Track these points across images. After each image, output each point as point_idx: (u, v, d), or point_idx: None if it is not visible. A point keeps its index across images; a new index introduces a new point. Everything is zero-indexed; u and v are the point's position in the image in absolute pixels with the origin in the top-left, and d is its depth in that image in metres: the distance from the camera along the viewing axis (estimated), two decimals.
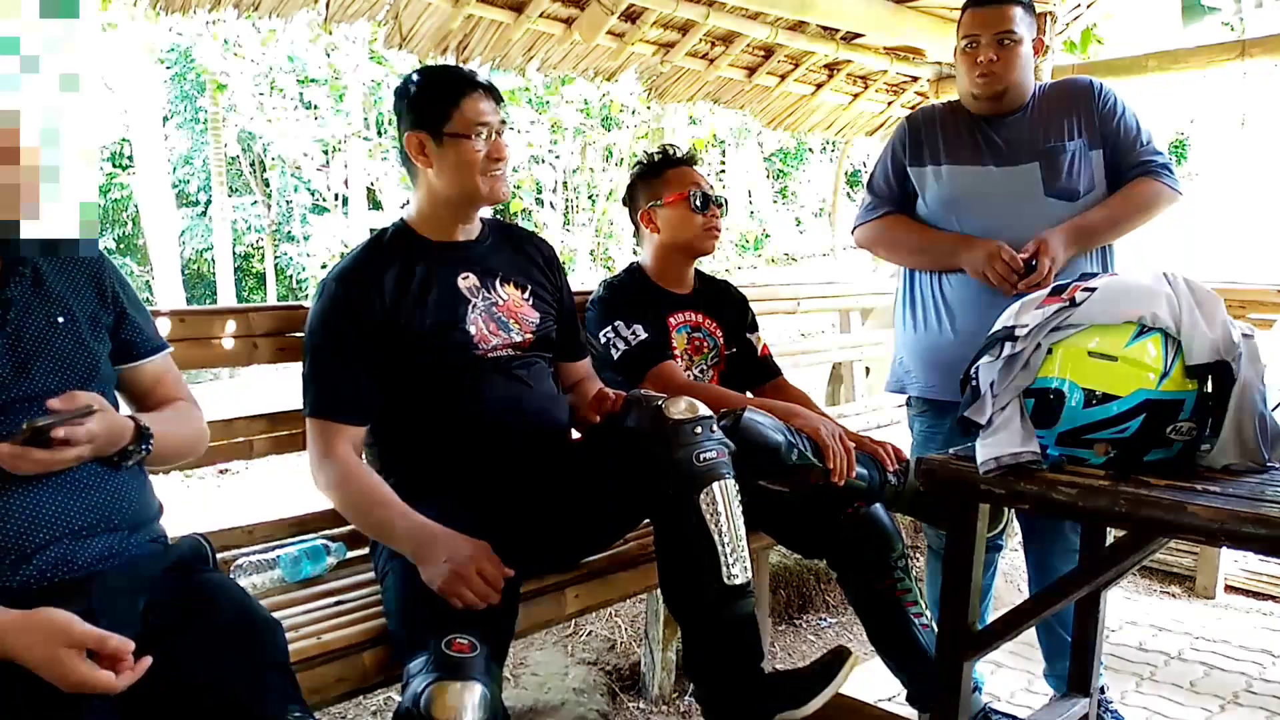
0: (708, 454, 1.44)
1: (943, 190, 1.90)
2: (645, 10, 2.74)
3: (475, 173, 1.55)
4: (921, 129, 1.96)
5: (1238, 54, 2.95)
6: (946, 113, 1.99)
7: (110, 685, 1.00)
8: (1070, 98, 1.90)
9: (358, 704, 2.12)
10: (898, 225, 1.98)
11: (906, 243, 1.97)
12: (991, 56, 1.83)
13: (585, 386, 1.77)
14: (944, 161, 1.91)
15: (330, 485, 1.49)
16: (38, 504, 1.13)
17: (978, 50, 1.85)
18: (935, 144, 1.93)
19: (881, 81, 3.67)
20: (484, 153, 1.55)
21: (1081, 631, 1.74)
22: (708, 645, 1.49)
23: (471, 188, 1.56)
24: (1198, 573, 2.93)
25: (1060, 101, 1.90)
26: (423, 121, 1.55)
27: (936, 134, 1.94)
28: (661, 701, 2.25)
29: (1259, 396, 1.30)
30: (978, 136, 1.90)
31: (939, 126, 1.95)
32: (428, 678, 1.19)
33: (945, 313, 1.90)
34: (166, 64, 12.79)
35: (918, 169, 1.94)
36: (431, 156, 1.56)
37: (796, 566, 2.81)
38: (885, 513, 1.82)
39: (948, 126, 1.94)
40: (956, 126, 1.93)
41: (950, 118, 1.96)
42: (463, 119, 1.54)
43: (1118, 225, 1.86)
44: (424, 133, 1.55)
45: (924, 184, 1.93)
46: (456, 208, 1.61)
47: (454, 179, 1.56)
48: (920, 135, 1.96)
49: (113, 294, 1.29)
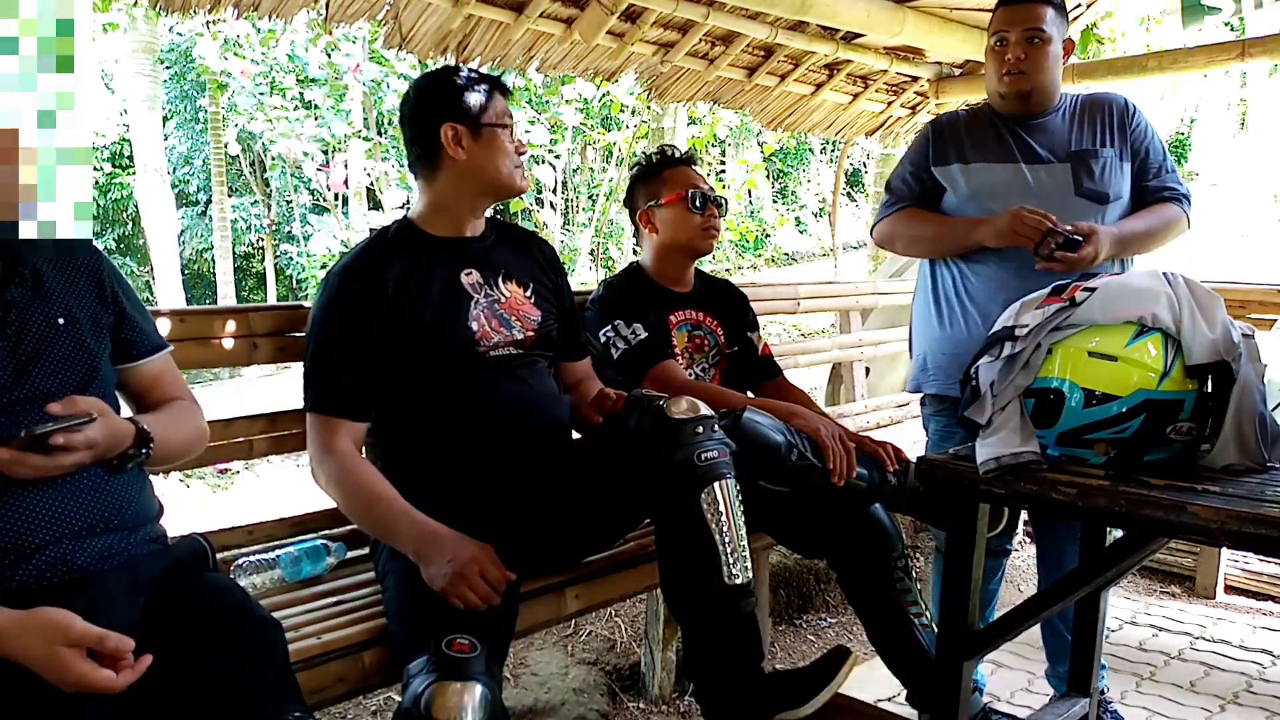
0: (709, 453, 1.44)
1: (971, 186, 1.89)
2: (645, 10, 2.73)
3: (510, 162, 1.61)
4: (946, 130, 1.96)
5: (1238, 54, 2.95)
6: (972, 115, 1.99)
7: (110, 684, 1.00)
8: (1104, 110, 1.92)
9: (358, 704, 2.12)
10: (915, 216, 1.97)
11: (924, 231, 1.96)
12: (1020, 55, 1.83)
13: (586, 386, 1.77)
14: (972, 159, 1.90)
15: (331, 482, 1.49)
16: (37, 505, 1.13)
17: (1006, 48, 1.85)
18: (962, 143, 1.92)
19: (881, 82, 3.66)
20: (514, 146, 1.62)
21: (1081, 632, 1.74)
22: (708, 645, 1.49)
23: (505, 175, 1.61)
24: (1198, 573, 2.93)
25: (1093, 111, 1.91)
26: (460, 113, 1.58)
27: (963, 134, 1.93)
28: (661, 701, 2.25)
29: (1259, 396, 1.30)
30: (1007, 137, 1.90)
31: (965, 127, 1.95)
32: (428, 678, 1.19)
33: (970, 305, 1.89)
34: (166, 63, 12.79)
35: (943, 168, 1.93)
36: (468, 147, 1.58)
37: (796, 566, 2.81)
38: (885, 513, 1.82)
39: (975, 127, 1.94)
40: (984, 127, 1.93)
41: (977, 119, 1.96)
42: (497, 113, 1.60)
43: (1151, 240, 1.88)
44: (461, 124, 1.58)
45: (951, 181, 1.92)
46: (481, 198, 1.64)
47: (489, 168, 1.60)
48: (945, 136, 1.95)
49: (112, 294, 1.29)
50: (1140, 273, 1.38)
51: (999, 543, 1.98)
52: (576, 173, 9.81)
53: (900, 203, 1.99)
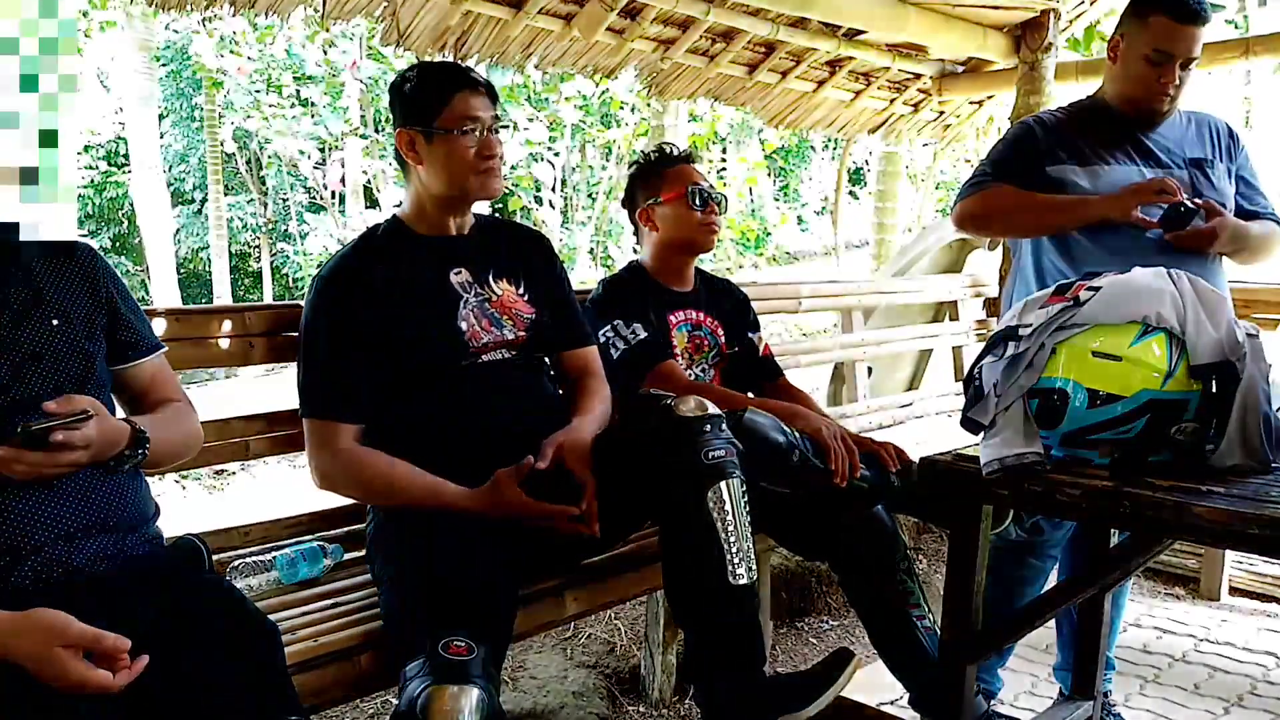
0: (716, 452, 1.43)
1: (1092, 188, 1.83)
2: (645, 6, 2.72)
3: (466, 169, 1.55)
4: (1054, 130, 1.90)
5: (1242, 52, 2.94)
6: (1082, 114, 1.93)
7: (107, 684, 0.99)
8: (1213, 128, 1.92)
9: (354, 707, 2.11)
10: (1011, 192, 1.87)
11: (1027, 205, 1.86)
12: (1177, 80, 1.79)
13: (586, 385, 1.71)
14: (1093, 161, 1.85)
15: (346, 482, 1.49)
16: (33, 505, 1.12)
17: (1164, 68, 1.78)
18: (1074, 143, 1.87)
19: (884, 79, 3.65)
20: (475, 149, 1.54)
21: (1085, 634, 1.72)
22: (710, 645, 1.48)
23: (462, 183, 1.56)
24: (1202, 575, 2.91)
25: (1203, 126, 1.91)
26: (414, 118, 1.55)
27: (1073, 135, 1.88)
28: (661, 705, 2.23)
29: (1264, 397, 1.29)
30: (1125, 139, 1.86)
31: (1075, 128, 1.89)
32: (424, 681, 1.18)
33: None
34: (162, 61, 12.77)
35: (1058, 167, 1.86)
36: (422, 153, 1.55)
37: (798, 568, 2.79)
38: (887, 514, 1.81)
39: (1088, 127, 1.89)
40: (1100, 127, 1.88)
41: (1091, 119, 1.91)
42: (453, 115, 1.53)
43: (1258, 250, 1.87)
44: (415, 129, 1.55)
45: (1067, 181, 1.86)
46: (448, 204, 1.60)
47: (444, 175, 1.55)
48: (1055, 135, 1.89)
49: (107, 295, 1.29)
50: (1144, 272, 1.36)
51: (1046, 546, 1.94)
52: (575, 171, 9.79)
53: (996, 180, 1.90)
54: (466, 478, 1.49)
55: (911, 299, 3.45)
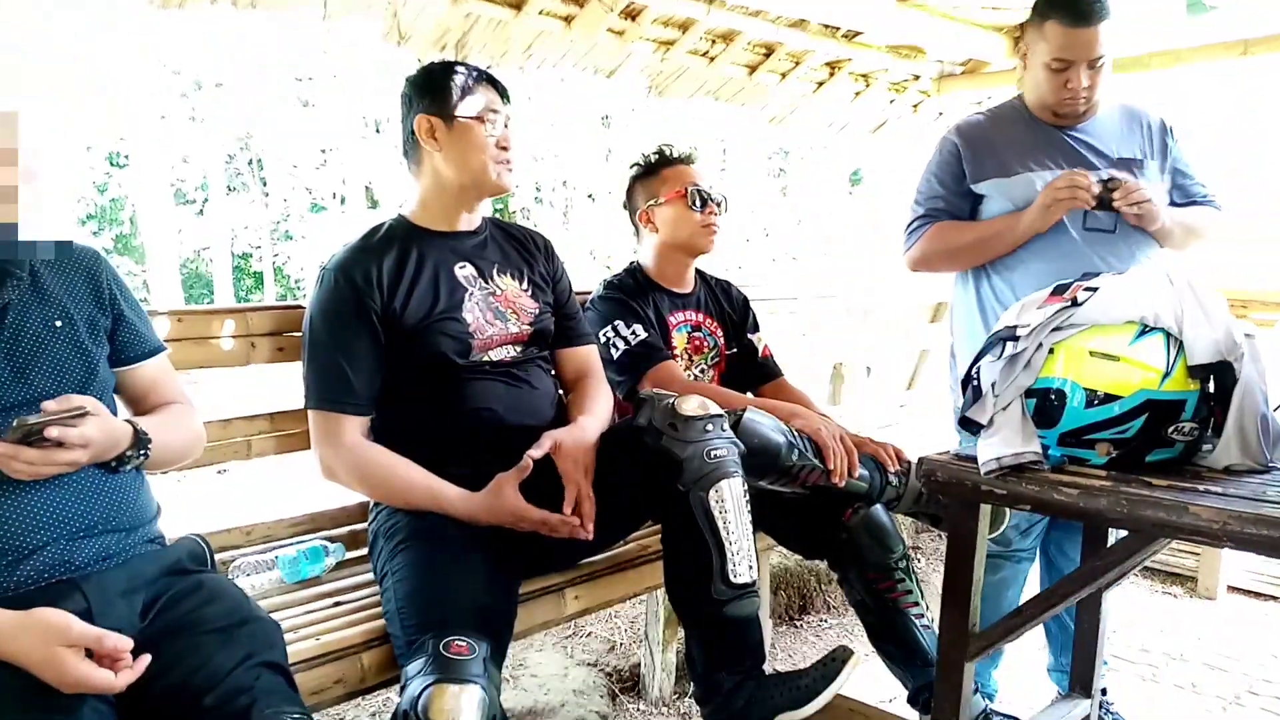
0: (718, 451, 1.44)
1: (1018, 196, 1.82)
2: (645, 7, 2.73)
3: (485, 157, 1.57)
4: (977, 141, 1.88)
5: (1240, 52, 2.94)
6: (1003, 119, 1.91)
7: (109, 684, 1.00)
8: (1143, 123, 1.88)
9: (356, 705, 2.12)
10: (950, 228, 1.89)
11: (965, 239, 1.87)
12: (1085, 83, 1.76)
13: (585, 385, 1.72)
14: (1015, 170, 1.83)
15: (351, 476, 1.50)
16: (35, 505, 1.13)
17: (1068, 73, 1.76)
18: (999, 153, 1.85)
19: (883, 80, 3.66)
20: (495, 140, 1.57)
21: (1083, 632, 1.73)
22: (710, 643, 1.49)
23: (480, 171, 1.57)
24: (1199, 573, 2.92)
25: (1133, 121, 1.88)
26: (435, 105, 1.56)
27: (997, 143, 1.86)
28: (661, 703, 2.24)
29: (1261, 397, 1.29)
30: (1049, 141, 1.84)
31: (999, 134, 1.87)
32: (426, 680, 1.19)
33: None
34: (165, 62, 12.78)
35: (984, 183, 1.85)
36: (441, 139, 1.57)
37: (797, 568, 2.80)
38: (886, 514, 1.82)
39: (1011, 133, 1.87)
40: (1021, 131, 1.86)
41: (1011, 123, 1.88)
42: (475, 104, 1.56)
43: (1191, 232, 1.86)
44: (435, 116, 1.56)
45: (994, 196, 1.85)
46: (462, 194, 1.61)
47: (463, 163, 1.57)
48: (978, 148, 1.87)
49: (110, 296, 1.29)
50: (1142, 272, 1.37)
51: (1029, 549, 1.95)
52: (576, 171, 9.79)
53: (930, 220, 1.91)
54: (469, 471, 1.50)
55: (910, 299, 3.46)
